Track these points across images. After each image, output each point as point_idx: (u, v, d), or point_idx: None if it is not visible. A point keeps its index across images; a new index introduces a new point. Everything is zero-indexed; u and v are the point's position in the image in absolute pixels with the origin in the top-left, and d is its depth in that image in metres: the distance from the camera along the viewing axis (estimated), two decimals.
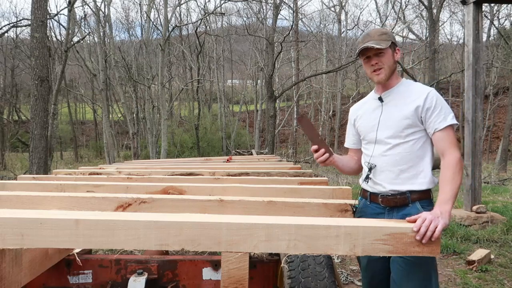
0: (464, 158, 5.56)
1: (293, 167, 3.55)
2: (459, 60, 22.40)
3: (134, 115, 19.69)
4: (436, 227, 1.34)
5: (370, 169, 1.86)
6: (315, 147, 1.80)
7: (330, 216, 1.79)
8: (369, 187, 1.88)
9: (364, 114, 1.96)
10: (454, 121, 1.73)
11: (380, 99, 1.88)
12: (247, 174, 3.00)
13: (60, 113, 24.77)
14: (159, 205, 1.77)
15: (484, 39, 18.35)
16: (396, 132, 1.78)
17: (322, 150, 1.79)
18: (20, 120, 24.71)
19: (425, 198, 1.77)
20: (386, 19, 19.45)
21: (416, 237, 1.31)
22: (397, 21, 19.78)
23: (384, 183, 1.80)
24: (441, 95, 1.86)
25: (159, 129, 16.36)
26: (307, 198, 1.97)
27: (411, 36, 23.86)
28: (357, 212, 1.90)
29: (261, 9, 21.43)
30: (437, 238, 1.32)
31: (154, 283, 1.98)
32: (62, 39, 16.28)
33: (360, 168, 2.03)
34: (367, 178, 1.87)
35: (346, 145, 2.13)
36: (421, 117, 1.75)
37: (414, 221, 1.37)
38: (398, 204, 1.77)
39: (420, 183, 1.75)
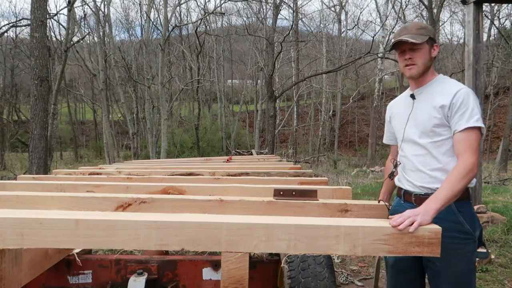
0: None
1: (293, 167, 3.55)
2: (459, 60, 22.40)
3: (134, 115, 19.67)
4: (412, 224, 1.31)
5: (395, 166, 1.87)
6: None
7: (330, 216, 1.78)
8: (402, 184, 1.86)
9: (397, 112, 1.94)
10: (478, 124, 1.62)
11: (412, 96, 1.83)
12: (247, 174, 3.00)
13: (60, 113, 24.74)
14: (159, 205, 1.77)
15: (485, 39, 18.34)
16: (424, 131, 1.74)
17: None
18: (20, 120, 24.70)
19: (462, 199, 1.66)
20: (386, 19, 19.43)
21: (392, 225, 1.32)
22: (397, 21, 19.79)
23: (417, 182, 1.76)
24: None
25: (159, 129, 16.35)
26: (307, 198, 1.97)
27: None
28: (390, 211, 1.85)
29: (261, 9, 21.46)
30: (413, 231, 1.30)
31: (154, 283, 1.98)
32: (62, 39, 16.28)
33: None
34: (391, 175, 1.87)
35: (384, 141, 2.12)
36: (447, 116, 1.67)
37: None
38: None
39: None
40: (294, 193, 1.83)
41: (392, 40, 1.77)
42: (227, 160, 4.85)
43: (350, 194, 2.12)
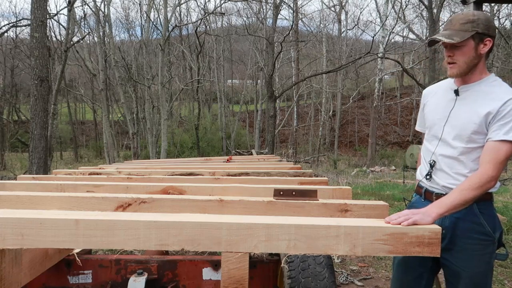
0: None
1: (293, 167, 3.55)
2: None
3: (134, 115, 19.68)
4: (407, 220, 1.30)
5: (431, 166, 1.73)
6: None
7: (330, 216, 1.78)
8: (424, 184, 1.78)
9: (435, 103, 1.78)
10: None
11: (457, 92, 1.68)
12: (247, 174, 3.00)
13: (60, 113, 24.77)
14: (159, 205, 1.77)
15: None
16: (460, 134, 1.63)
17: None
18: (20, 120, 24.72)
19: (484, 200, 1.62)
20: (386, 19, 19.43)
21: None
22: (397, 21, 19.80)
23: (441, 181, 1.70)
24: None
25: (159, 129, 16.36)
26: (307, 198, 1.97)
27: (411, 36, 23.88)
28: (408, 207, 1.82)
29: (261, 9, 21.45)
30: (406, 225, 1.30)
31: (154, 283, 1.98)
32: (62, 39, 16.29)
33: None
34: (428, 175, 1.74)
35: (418, 128, 1.96)
36: (489, 123, 1.55)
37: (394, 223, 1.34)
38: None
39: None
40: (294, 193, 1.83)
41: (431, 37, 1.64)
42: (227, 160, 4.85)
43: (350, 194, 2.12)
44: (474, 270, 1.63)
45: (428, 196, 1.77)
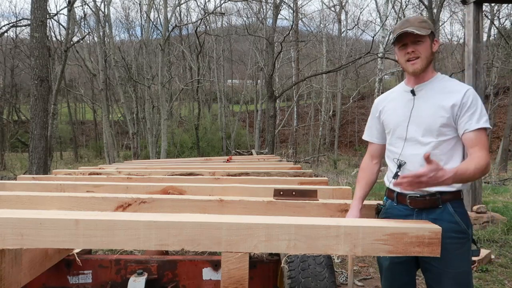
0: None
1: (293, 167, 3.55)
2: (459, 60, 22.40)
3: (134, 115, 19.68)
4: (442, 179, 1.36)
5: (399, 166, 1.73)
6: None
7: (330, 216, 1.78)
8: (395, 187, 1.76)
9: (393, 107, 1.81)
10: (488, 125, 1.62)
11: (413, 92, 1.74)
12: (247, 174, 3.00)
13: (60, 113, 24.77)
14: (159, 205, 1.77)
15: (485, 39, 18.34)
16: (428, 129, 1.67)
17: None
18: (20, 120, 24.70)
19: (456, 199, 1.69)
20: (386, 19, 19.43)
21: (415, 179, 1.36)
22: (397, 21, 19.78)
23: None
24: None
25: (159, 129, 16.35)
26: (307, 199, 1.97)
27: None
28: (382, 213, 1.82)
29: (261, 9, 21.44)
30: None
31: (154, 283, 1.98)
32: (62, 39, 16.28)
33: (377, 176, 1.95)
34: (396, 175, 1.74)
35: (368, 138, 1.97)
36: (456, 115, 1.64)
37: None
38: (427, 206, 1.67)
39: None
40: (294, 193, 1.83)
41: (395, 33, 1.68)
42: (227, 160, 4.86)
43: (350, 194, 2.12)
44: (456, 270, 1.65)
45: (401, 200, 1.75)
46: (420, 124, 1.69)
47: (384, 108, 1.86)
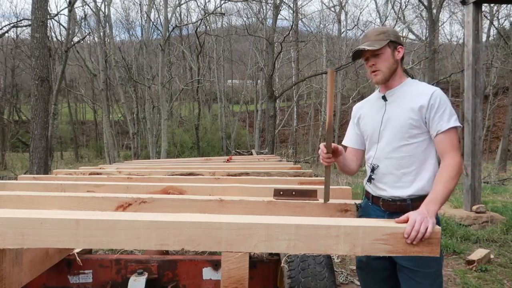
0: (464, 158, 5.57)
1: (293, 167, 3.56)
2: (458, 60, 22.40)
3: (134, 115, 19.69)
4: (427, 229, 1.32)
5: (372, 170, 1.81)
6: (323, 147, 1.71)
7: (330, 216, 1.79)
8: (371, 189, 1.85)
9: (368, 113, 1.90)
10: (457, 123, 1.66)
11: (384, 98, 1.82)
12: (247, 174, 3.00)
13: (60, 113, 24.77)
14: (159, 205, 1.77)
15: (484, 39, 18.37)
16: (399, 133, 1.73)
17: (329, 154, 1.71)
18: (21, 120, 24.72)
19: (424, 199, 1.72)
20: (386, 19, 19.46)
21: (407, 241, 1.31)
22: (397, 21, 19.80)
23: (386, 187, 1.76)
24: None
25: (159, 129, 16.36)
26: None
27: (411, 36, 23.82)
28: (359, 211, 1.88)
29: (261, 9, 21.43)
30: (427, 238, 1.32)
31: (154, 283, 1.99)
32: (63, 39, 16.31)
33: (357, 170, 1.99)
34: (370, 179, 1.83)
35: (345, 143, 2.03)
36: (425, 117, 1.69)
37: (404, 221, 1.37)
38: (398, 210, 1.71)
39: (423, 187, 1.69)
40: (294, 193, 1.84)
41: (352, 51, 1.77)
42: (227, 160, 4.86)
43: (350, 194, 2.13)
44: (428, 269, 1.67)
45: (375, 201, 1.82)
46: (392, 128, 1.76)
47: (361, 115, 1.95)
